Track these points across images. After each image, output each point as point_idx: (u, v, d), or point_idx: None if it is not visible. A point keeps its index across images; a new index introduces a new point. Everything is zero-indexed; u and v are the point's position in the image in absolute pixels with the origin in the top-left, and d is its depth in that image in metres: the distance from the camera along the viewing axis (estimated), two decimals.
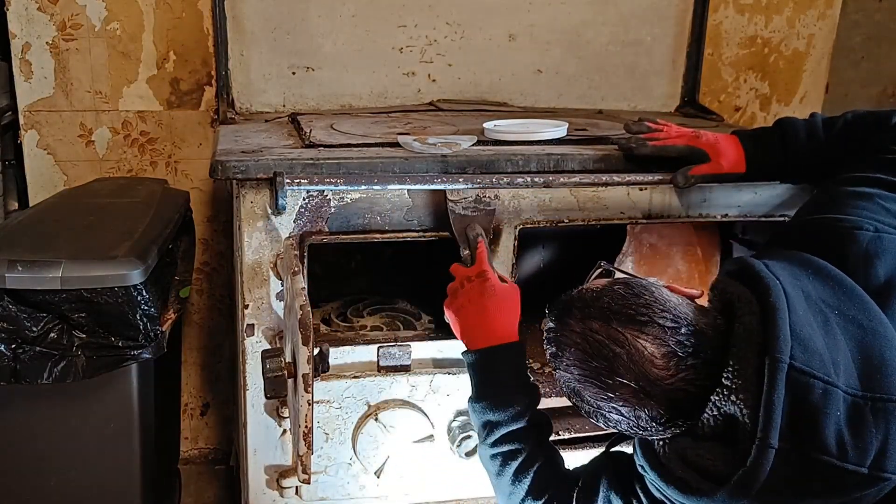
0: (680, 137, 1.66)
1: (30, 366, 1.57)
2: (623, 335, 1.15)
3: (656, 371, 1.13)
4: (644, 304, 1.17)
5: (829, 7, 2.70)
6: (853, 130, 1.52)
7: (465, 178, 1.63)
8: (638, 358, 1.14)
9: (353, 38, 2.35)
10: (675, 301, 1.18)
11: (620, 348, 1.15)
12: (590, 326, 1.18)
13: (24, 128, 2.29)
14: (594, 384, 1.19)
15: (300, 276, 1.47)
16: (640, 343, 1.14)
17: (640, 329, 1.15)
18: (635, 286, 1.20)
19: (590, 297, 1.22)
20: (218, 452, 2.70)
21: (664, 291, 1.20)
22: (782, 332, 1.08)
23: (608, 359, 1.16)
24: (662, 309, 1.16)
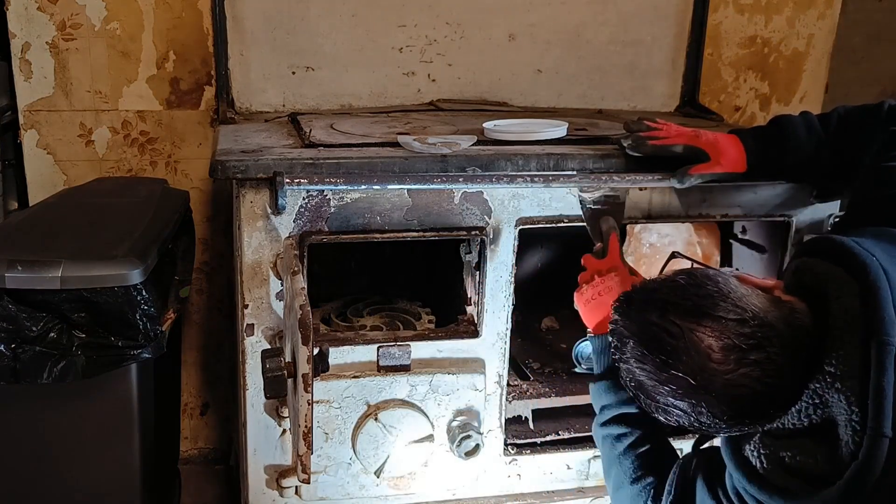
0: (679, 137, 1.66)
1: (29, 365, 1.57)
2: (679, 327, 1.11)
3: (714, 365, 1.08)
4: (705, 295, 1.12)
5: (829, 7, 2.70)
6: (849, 124, 1.53)
7: (465, 178, 1.63)
8: (694, 351, 1.09)
9: (353, 37, 2.35)
10: (741, 292, 1.13)
11: (676, 341, 1.11)
12: (647, 318, 1.15)
13: (23, 127, 2.29)
14: (651, 377, 1.15)
15: (300, 275, 1.47)
16: (697, 335, 1.10)
17: (698, 321, 1.10)
18: (699, 276, 1.16)
19: (650, 288, 1.19)
20: (218, 452, 2.70)
21: (732, 282, 1.15)
22: (887, 313, 1.04)
23: (664, 352, 1.12)
24: (725, 300, 1.11)
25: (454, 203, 1.69)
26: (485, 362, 1.79)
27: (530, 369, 2.10)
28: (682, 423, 1.17)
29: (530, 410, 1.95)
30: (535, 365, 2.13)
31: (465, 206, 1.69)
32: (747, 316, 1.09)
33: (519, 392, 1.97)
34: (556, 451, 1.91)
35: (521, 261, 1.80)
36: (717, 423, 1.13)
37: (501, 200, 1.71)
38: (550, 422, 1.96)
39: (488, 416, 1.81)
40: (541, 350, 2.22)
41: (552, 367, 2.11)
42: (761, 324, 1.09)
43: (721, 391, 1.09)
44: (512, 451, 1.88)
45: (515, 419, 1.93)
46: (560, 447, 1.92)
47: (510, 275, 1.76)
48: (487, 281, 1.74)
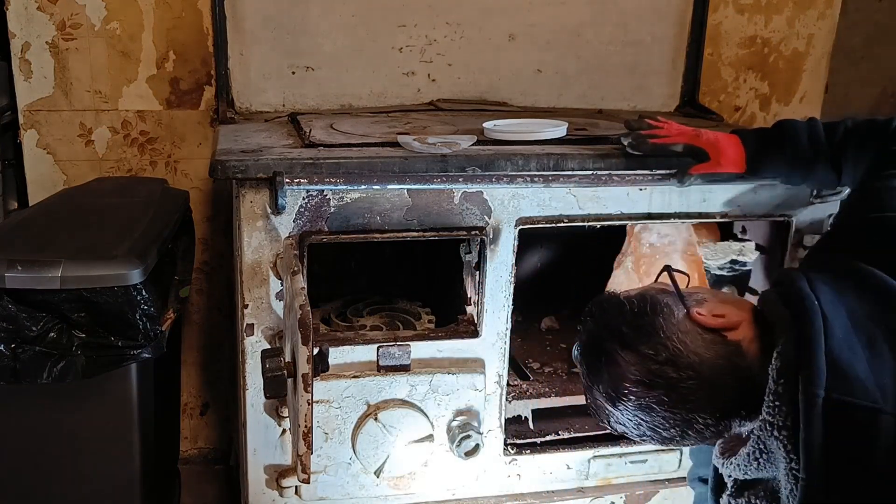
0: (680, 136, 1.66)
1: (29, 365, 1.57)
2: (608, 351, 1.23)
3: (625, 390, 1.19)
4: (640, 326, 1.21)
5: (829, 7, 2.70)
6: (855, 136, 1.51)
7: (464, 178, 1.63)
8: (612, 374, 1.22)
9: (353, 37, 2.35)
10: (678, 329, 1.20)
11: (602, 361, 1.23)
12: (594, 331, 1.27)
13: (23, 127, 2.29)
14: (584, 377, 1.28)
15: (300, 275, 1.47)
16: (618, 361, 1.21)
17: (622, 349, 1.21)
18: (648, 305, 1.24)
19: (610, 304, 1.28)
20: (217, 452, 2.70)
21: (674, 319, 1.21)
22: (817, 363, 1.06)
23: (592, 365, 1.26)
24: (654, 336, 1.19)
25: (454, 203, 1.69)
26: (485, 362, 1.79)
27: (530, 369, 2.10)
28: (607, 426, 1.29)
29: (530, 410, 1.95)
30: (535, 365, 2.13)
31: (464, 205, 1.69)
32: (667, 354, 1.18)
33: (519, 392, 1.97)
34: (556, 451, 1.91)
35: (520, 261, 1.80)
36: (632, 435, 1.25)
37: (501, 200, 1.71)
38: (550, 422, 1.96)
39: (488, 416, 1.81)
40: (541, 350, 2.22)
41: (552, 367, 2.12)
42: (678, 364, 1.17)
43: (632, 412, 1.21)
44: (512, 450, 1.88)
45: (515, 419, 1.93)
46: (560, 447, 1.92)
47: (510, 275, 1.76)
48: (487, 281, 1.74)
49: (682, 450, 1.98)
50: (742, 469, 1.22)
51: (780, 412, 1.10)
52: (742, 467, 1.22)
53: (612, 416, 1.24)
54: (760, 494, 1.21)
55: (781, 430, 1.10)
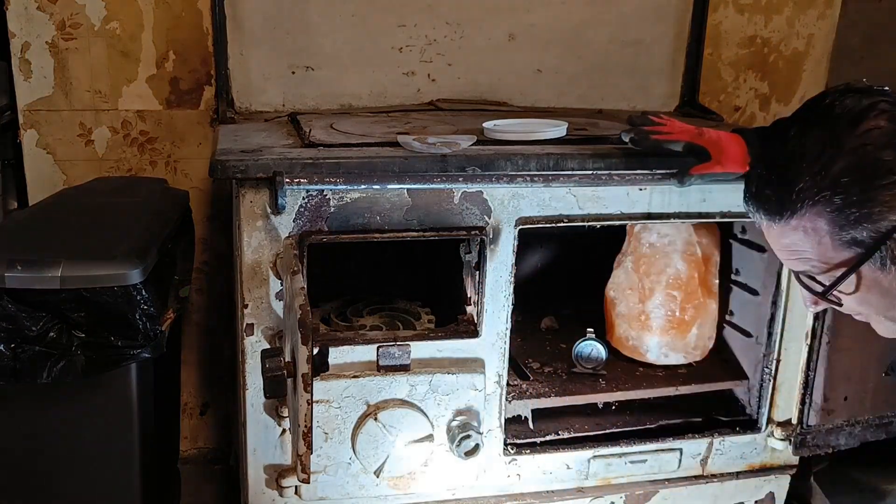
0: (682, 133, 1.66)
1: (29, 365, 1.57)
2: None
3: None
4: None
5: (829, 7, 2.70)
6: None
7: (464, 178, 1.63)
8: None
9: (353, 37, 2.35)
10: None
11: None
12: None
13: (23, 127, 2.29)
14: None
15: (300, 275, 1.47)
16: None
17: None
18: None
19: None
20: (217, 452, 2.70)
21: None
22: None
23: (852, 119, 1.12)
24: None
25: (454, 203, 1.69)
26: (484, 362, 1.79)
27: (530, 369, 2.10)
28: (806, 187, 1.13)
29: (530, 410, 1.94)
30: (534, 365, 2.13)
31: (464, 205, 1.69)
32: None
33: (519, 392, 1.97)
34: (556, 451, 1.91)
35: (520, 261, 1.80)
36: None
37: (501, 200, 1.71)
38: (550, 422, 1.96)
39: (488, 416, 1.81)
40: (541, 350, 2.22)
41: (552, 367, 2.11)
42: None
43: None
44: (512, 450, 1.88)
45: (515, 419, 1.93)
46: (560, 447, 1.92)
47: (510, 275, 1.76)
48: (487, 281, 1.74)
49: (682, 450, 1.98)
50: None
51: None
52: None
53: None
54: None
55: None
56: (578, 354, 2.09)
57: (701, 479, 2.02)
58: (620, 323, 2.15)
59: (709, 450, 2.00)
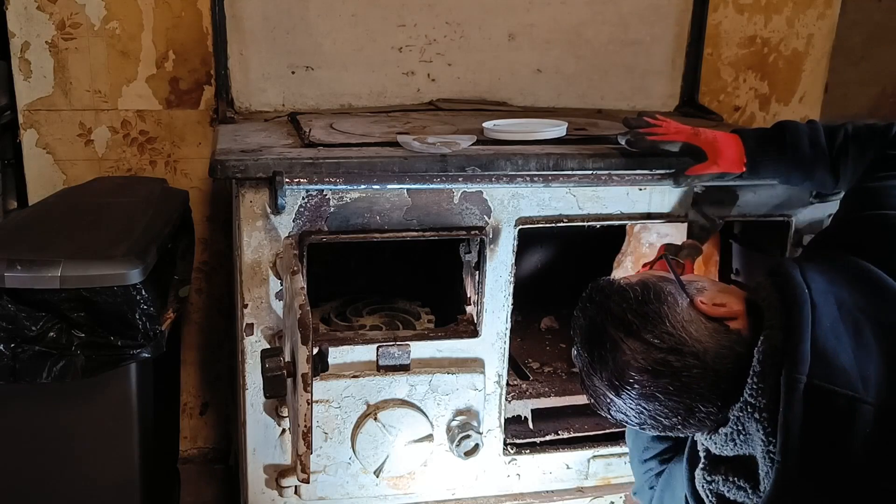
0: (679, 134, 1.66)
1: (29, 365, 1.57)
2: (612, 338, 1.21)
3: (630, 378, 1.18)
4: (643, 314, 1.21)
5: (829, 7, 2.70)
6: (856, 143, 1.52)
7: (464, 178, 1.63)
8: (616, 363, 1.20)
9: (353, 37, 2.35)
10: (682, 318, 1.20)
11: (605, 349, 1.22)
12: (595, 318, 1.25)
13: (23, 127, 2.29)
14: (584, 367, 1.26)
15: (299, 275, 1.47)
16: (622, 349, 1.20)
17: (626, 337, 1.20)
18: (651, 292, 1.23)
19: (610, 290, 1.27)
20: (217, 452, 2.70)
21: (678, 307, 1.21)
22: (802, 349, 1.07)
23: (594, 354, 1.24)
24: (659, 324, 1.19)
25: (454, 203, 1.69)
26: (484, 362, 1.79)
27: (530, 369, 2.10)
28: (604, 414, 1.27)
29: (530, 410, 1.95)
30: (534, 365, 2.13)
31: (464, 205, 1.69)
32: (670, 344, 1.17)
33: (518, 392, 1.97)
34: (556, 451, 1.91)
35: (520, 261, 1.80)
36: (631, 423, 1.24)
37: (501, 200, 1.71)
38: (550, 422, 1.96)
39: (488, 416, 1.81)
40: (540, 350, 2.22)
41: (552, 367, 2.12)
42: (683, 353, 1.17)
43: (634, 400, 1.19)
44: (511, 450, 1.88)
45: (515, 419, 1.93)
46: (559, 447, 1.92)
47: (510, 274, 1.76)
48: (487, 281, 1.74)
49: None
50: (719, 447, 1.23)
51: (762, 395, 1.11)
52: (719, 445, 1.23)
53: (613, 404, 1.23)
54: (738, 472, 1.21)
55: (762, 412, 1.11)
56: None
57: None
58: None
59: None
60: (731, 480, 1.21)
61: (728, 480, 1.22)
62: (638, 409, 1.20)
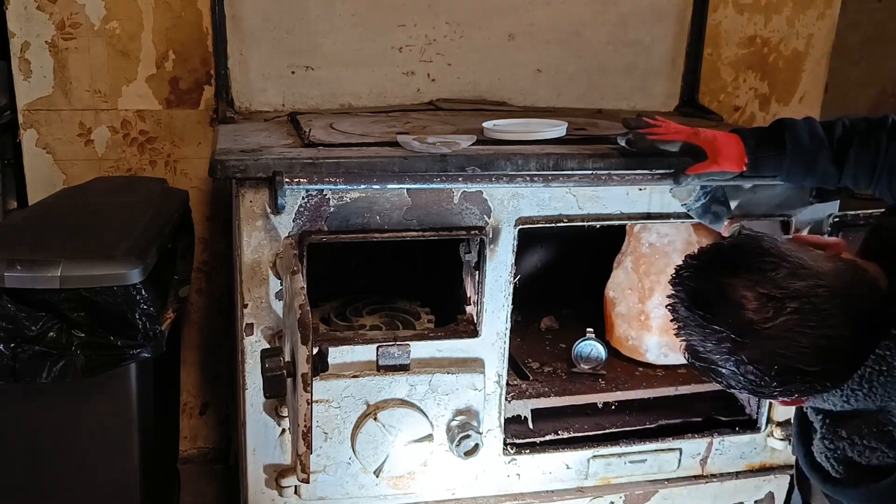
0: (678, 134, 1.66)
1: (29, 365, 1.57)
2: (717, 282, 1.10)
3: (750, 315, 1.06)
4: (745, 251, 1.12)
5: (829, 7, 2.70)
6: (856, 134, 1.52)
7: (464, 178, 1.63)
8: (730, 303, 1.08)
9: (353, 37, 2.35)
10: (786, 248, 1.11)
11: (713, 295, 1.10)
12: (692, 278, 1.15)
13: (23, 127, 2.29)
14: (697, 337, 1.13)
15: (299, 275, 1.47)
16: (733, 287, 1.08)
17: (734, 274, 1.09)
18: (743, 237, 1.16)
19: (700, 253, 1.18)
20: (217, 452, 2.70)
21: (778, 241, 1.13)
22: None
23: (703, 307, 1.11)
24: (764, 254, 1.09)
25: (454, 203, 1.69)
26: (484, 362, 1.79)
27: (530, 369, 2.10)
28: (734, 385, 1.14)
29: (529, 410, 1.94)
30: (534, 365, 2.13)
31: (464, 205, 1.69)
32: (785, 265, 1.07)
33: (518, 392, 1.97)
34: (556, 451, 1.91)
35: (520, 261, 1.80)
36: (766, 381, 1.09)
37: (501, 200, 1.71)
38: (550, 421, 1.96)
39: (488, 416, 1.81)
40: (540, 350, 2.22)
41: (552, 367, 2.12)
42: (802, 273, 1.07)
43: (762, 343, 1.06)
44: (511, 450, 1.88)
45: (515, 419, 1.93)
46: (559, 447, 1.92)
47: (510, 274, 1.76)
48: (487, 281, 1.74)
49: (682, 449, 1.98)
50: (845, 397, 1.12)
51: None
52: (847, 394, 1.11)
53: (740, 359, 1.08)
54: (864, 431, 1.12)
55: None
56: (578, 354, 2.09)
57: (700, 478, 2.02)
58: (620, 323, 2.15)
59: (708, 449, 2.00)
60: (860, 444, 1.11)
61: (856, 444, 1.12)
62: (770, 354, 1.06)
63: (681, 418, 2.01)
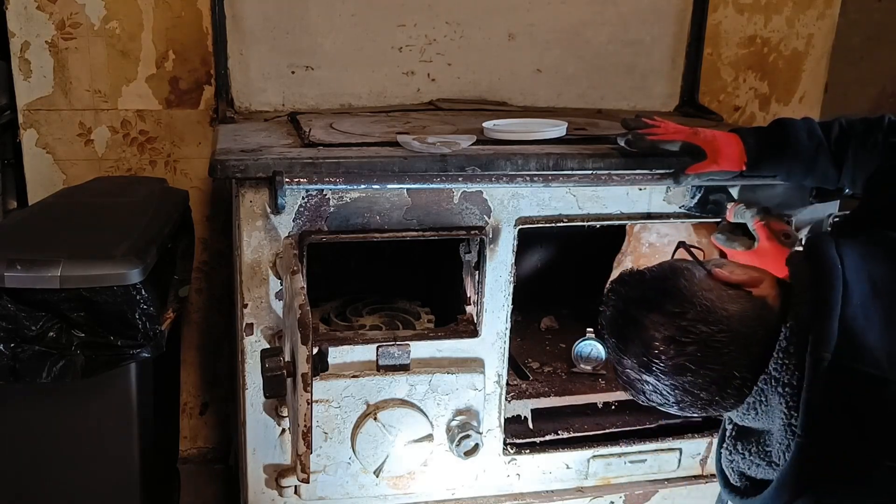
0: (677, 134, 1.66)
1: (29, 365, 1.57)
2: (633, 317, 1.19)
3: (655, 352, 1.16)
4: (662, 290, 1.19)
5: (829, 7, 2.70)
6: (854, 133, 1.53)
7: (464, 178, 1.63)
8: (639, 338, 1.18)
9: (353, 37, 2.35)
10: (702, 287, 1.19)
11: (627, 329, 1.20)
12: (617, 305, 1.24)
13: (23, 127, 2.29)
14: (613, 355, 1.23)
15: (299, 275, 1.47)
16: (645, 325, 1.17)
17: (648, 312, 1.18)
18: (668, 271, 1.23)
19: (627, 279, 1.26)
20: (217, 452, 2.70)
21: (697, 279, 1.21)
22: (829, 326, 1.06)
23: (618, 336, 1.21)
24: (678, 295, 1.18)
25: (453, 203, 1.69)
26: (484, 362, 1.79)
27: (529, 369, 2.10)
28: (642, 400, 1.24)
29: (529, 410, 1.94)
30: (534, 364, 2.13)
31: (464, 205, 1.69)
32: (694, 311, 1.16)
33: (518, 392, 1.97)
34: (556, 451, 1.91)
35: (520, 261, 1.80)
36: (668, 404, 1.21)
37: (501, 200, 1.71)
38: (549, 421, 1.96)
39: (487, 416, 1.81)
40: (540, 350, 2.22)
41: (551, 367, 2.12)
42: (706, 319, 1.15)
43: (666, 375, 1.16)
44: (511, 450, 1.88)
45: (515, 419, 1.93)
46: (559, 447, 1.92)
47: (510, 274, 1.76)
48: (487, 280, 1.74)
49: (682, 449, 1.98)
50: (740, 416, 1.22)
51: (786, 369, 1.10)
52: (741, 414, 1.21)
53: (647, 385, 1.20)
54: (751, 448, 1.21)
55: (786, 386, 1.10)
56: (578, 354, 2.09)
57: (700, 478, 2.02)
58: None
59: (708, 449, 2.00)
60: (749, 458, 1.21)
61: (746, 458, 1.21)
62: (672, 385, 1.16)
63: (681, 418, 2.01)
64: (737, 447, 1.25)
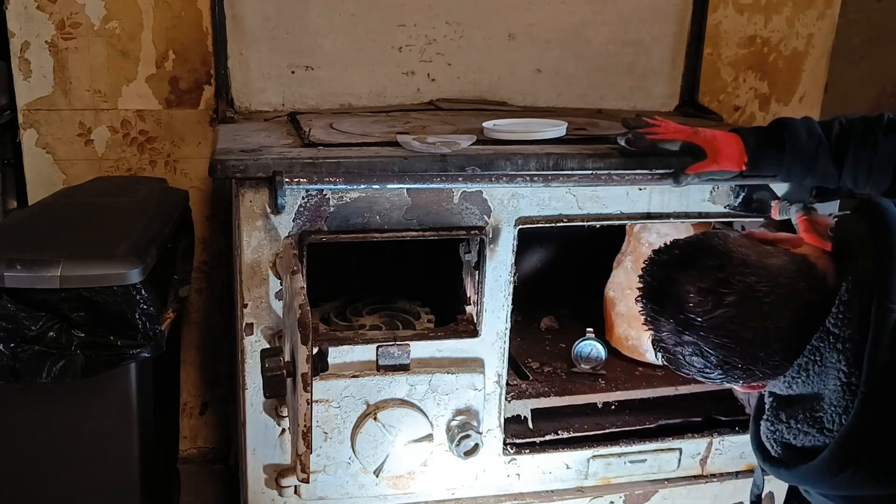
0: (677, 133, 1.66)
1: (29, 365, 1.57)
2: (668, 276, 1.18)
3: (691, 306, 1.13)
4: (695, 248, 1.19)
5: (829, 7, 2.70)
6: (854, 133, 1.53)
7: (464, 178, 1.63)
8: (675, 295, 1.16)
9: (353, 37, 2.35)
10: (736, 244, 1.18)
11: (661, 288, 1.18)
12: (649, 273, 1.22)
13: (22, 127, 2.29)
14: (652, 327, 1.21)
15: (299, 275, 1.47)
16: (678, 282, 1.16)
17: (682, 269, 1.16)
18: (700, 235, 1.23)
19: (661, 249, 1.25)
20: (217, 451, 2.70)
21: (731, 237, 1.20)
22: (893, 278, 1.05)
23: (653, 299, 1.19)
24: (712, 251, 1.16)
25: (453, 202, 1.69)
26: (484, 362, 1.79)
27: (529, 369, 2.10)
28: (686, 372, 1.21)
29: (529, 410, 1.95)
30: (534, 364, 2.13)
31: (464, 205, 1.69)
32: (731, 264, 1.14)
33: (518, 392, 1.97)
34: (556, 451, 1.91)
35: (520, 261, 1.80)
36: (710, 369, 1.17)
37: (501, 200, 1.71)
38: (549, 421, 1.96)
39: (487, 416, 1.81)
40: (540, 350, 2.22)
41: (551, 367, 2.12)
42: (745, 270, 1.13)
43: (702, 334, 1.14)
44: (511, 450, 1.88)
45: (515, 419, 1.93)
46: (559, 447, 1.92)
47: (509, 274, 1.76)
48: (487, 280, 1.74)
49: (682, 449, 1.98)
50: (787, 382, 1.18)
51: (847, 324, 1.08)
52: (788, 380, 1.17)
53: (685, 349, 1.16)
54: (797, 416, 1.17)
55: (846, 342, 1.08)
56: (578, 354, 2.09)
57: (700, 478, 2.02)
58: (620, 323, 2.15)
59: (708, 449, 2.00)
60: (795, 427, 1.18)
61: (792, 428, 1.18)
62: (713, 345, 1.13)
63: (681, 418, 2.01)
64: (780, 416, 1.21)
